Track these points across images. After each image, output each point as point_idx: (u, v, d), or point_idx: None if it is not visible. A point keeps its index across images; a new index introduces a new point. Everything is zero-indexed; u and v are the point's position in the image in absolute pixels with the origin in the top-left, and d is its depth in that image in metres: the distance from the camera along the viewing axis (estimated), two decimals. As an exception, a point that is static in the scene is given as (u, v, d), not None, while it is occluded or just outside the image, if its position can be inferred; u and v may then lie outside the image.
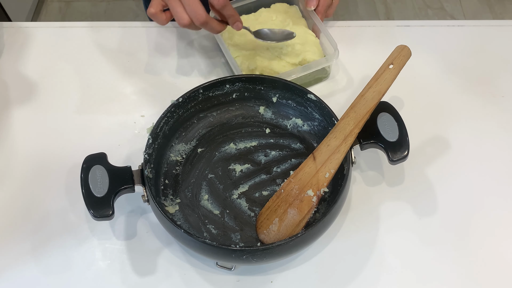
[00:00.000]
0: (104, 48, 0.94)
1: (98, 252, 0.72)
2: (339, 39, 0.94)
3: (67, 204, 0.76)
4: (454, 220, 0.75)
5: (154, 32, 0.96)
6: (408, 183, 0.78)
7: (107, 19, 2.08)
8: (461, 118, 0.85)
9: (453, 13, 2.09)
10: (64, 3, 2.14)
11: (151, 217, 0.74)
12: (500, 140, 0.82)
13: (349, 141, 0.69)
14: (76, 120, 0.85)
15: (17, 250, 0.72)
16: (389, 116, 0.71)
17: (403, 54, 0.72)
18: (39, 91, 0.88)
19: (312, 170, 0.70)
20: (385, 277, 0.70)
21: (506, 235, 0.73)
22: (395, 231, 0.74)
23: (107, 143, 0.81)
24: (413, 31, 0.96)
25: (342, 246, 0.73)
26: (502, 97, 0.87)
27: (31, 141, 0.82)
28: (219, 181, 0.75)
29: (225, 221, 0.72)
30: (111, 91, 0.88)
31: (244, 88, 0.79)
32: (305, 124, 0.79)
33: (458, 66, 0.91)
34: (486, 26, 0.97)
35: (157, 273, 0.71)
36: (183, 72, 0.90)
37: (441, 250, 0.72)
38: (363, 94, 0.71)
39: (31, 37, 0.95)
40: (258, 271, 0.71)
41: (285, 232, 0.68)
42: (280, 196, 0.70)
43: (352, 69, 0.90)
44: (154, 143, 0.73)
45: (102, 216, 0.64)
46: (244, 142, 0.79)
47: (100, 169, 0.67)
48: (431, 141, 0.82)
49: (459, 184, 0.78)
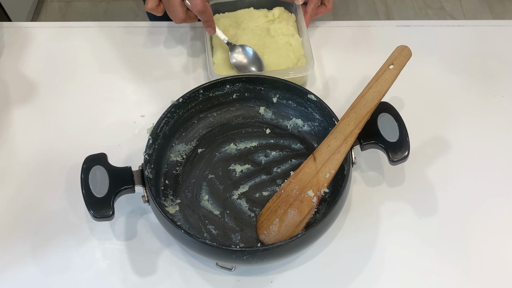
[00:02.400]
0: (104, 48, 0.94)
1: (98, 252, 0.72)
2: (339, 39, 0.94)
3: (67, 204, 0.76)
4: (454, 220, 0.75)
5: (154, 32, 0.95)
6: (409, 183, 0.78)
7: (107, 19, 2.07)
8: (461, 118, 0.85)
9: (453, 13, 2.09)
10: (64, 3, 2.14)
11: (151, 218, 0.74)
12: (500, 140, 0.82)
13: (349, 141, 0.69)
14: (76, 120, 0.85)
15: (17, 250, 0.72)
16: (390, 117, 0.71)
17: (404, 54, 0.72)
18: (39, 91, 0.88)
19: (313, 170, 0.70)
20: (385, 277, 0.70)
21: (506, 235, 0.73)
22: (396, 231, 0.74)
23: (107, 143, 0.81)
24: (413, 31, 0.96)
25: (343, 247, 0.73)
26: (502, 97, 0.87)
27: (31, 141, 0.82)
28: (219, 182, 0.75)
29: (225, 221, 0.72)
30: (111, 91, 0.88)
31: (245, 88, 0.79)
32: (306, 125, 0.79)
33: (458, 66, 0.91)
34: (486, 26, 0.97)
35: (157, 274, 0.71)
36: (183, 72, 0.90)
37: (441, 250, 0.72)
38: (363, 94, 0.71)
39: (31, 37, 0.95)
40: (258, 271, 0.71)
41: (285, 232, 0.68)
42: (281, 197, 0.70)
43: (352, 69, 0.90)
44: (154, 144, 0.73)
45: (102, 217, 0.64)
46: (244, 142, 0.79)
47: (100, 169, 0.67)
48: (431, 142, 0.82)
49: (459, 184, 0.78)
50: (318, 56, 0.92)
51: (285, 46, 0.86)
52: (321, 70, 0.90)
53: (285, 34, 0.88)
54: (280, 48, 0.86)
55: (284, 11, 0.91)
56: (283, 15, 0.91)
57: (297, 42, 0.87)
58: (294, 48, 0.86)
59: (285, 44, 0.87)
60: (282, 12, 0.91)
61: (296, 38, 0.87)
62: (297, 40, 0.87)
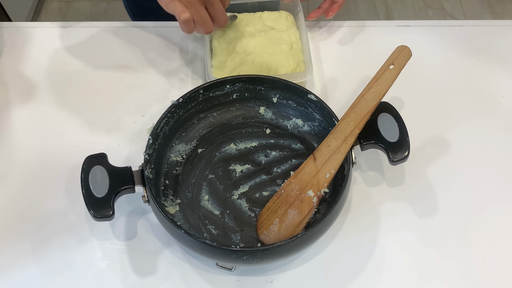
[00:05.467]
0: (104, 48, 0.94)
1: (98, 252, 0.72)
2: (339, 39, 0.94)
3: (67, 204, 0.76)
4: (454, 220, 0.75)
5: (154, 32, 0.95)
6: (409, 183, 0.78)
7: (107, 19, 2.07)
8: (461, 118, 0.85)
9: (453, 13, 2.09)
10: (64, 3, 2.14)
11: (151, 218, 0.74)
12: (500, 140, 0.82)
13: (349, 141, 0.69)
14: (76, 120, 0.85)
15: (17, 250, 0.72)
16: (390, 117, 0.71)
17: (404, 54, 0.72)
18: (39, 91, 0.88)
19: (313, 170, 0.70)
20: (385, 277, 0.70)
21: (506, 235, 0.73)
22: (396, 231, 0.74)
23: (107, 143, 0.81)
24: (413, 31, 0.96)
25: (343, 247, 0.73)
26: (502, 97, 0.87)
27: (31, 141, 0.82)
28: (219, 182, 0.75)
29: (226, 221, 0.72)
30: (111, 91, 0.88)
31: (245, 88, 0.79)
32: (306, 125, 0.79)
33: (458, 66, 0.91)
34: (486, 26, 0.97)
35: (157, 274, 0.71)
36: (183, 72, 0.90)
37: (442, 250, 0.72)
38: (363, 94, 0.71)
39: (31, 37, 0.95)
40: (258, 271, 0.71)
41: (285, 232, 0.68)
42: (281, 197, 0.70)
43: (352, 69, 0.90)
44: (154, 144, 0.73)
45: (102, 217, 0.64)
46: (244, 142, 0.79)
47: (100, 169, 0.67)
48: (431, 142, 0.82)
49: (459, 184, 0.78)
50: (318, 56, 0.92)
51: (284, 51, 0.86)
52: (321, 70, 0.90)
53: (285, 38, 0.88)
54: (279, 53, 0.86)
55: (285, 15, 0.91)
56: (283, 18, 0.91)
57: (297, 47, 0.87)
58: (294, 53, 0.86)
59: (285, 48, 0.86)
60: (283, 15, 0.91)
61: (297, 43, 0.87)
62: (297, 45, 0.87)
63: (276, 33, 0.88)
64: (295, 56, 0.86)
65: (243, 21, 0.91)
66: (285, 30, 0.89)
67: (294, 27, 0.90)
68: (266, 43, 0.87)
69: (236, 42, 0.87)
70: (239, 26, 0.90)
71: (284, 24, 0.90)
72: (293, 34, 0.88)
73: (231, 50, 0.87)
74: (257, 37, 0.88)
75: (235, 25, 0.90)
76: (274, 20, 0.90)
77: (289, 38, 0.88)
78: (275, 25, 0.90)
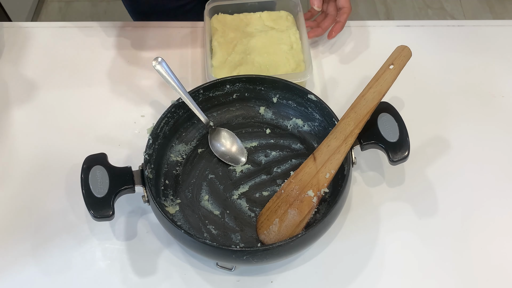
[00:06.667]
0: (104, 48, 0.94)
1: (98, 252, 0.72)
2: (339, 39, 0.94)
3: (67, 204, 0.76)
4: (454, 220, 0.75)
5: (154, 32, 0.95)
6: (409, 183, 0.78)
7: (107, 19, 2.07)
8: (461, 118, 0.85)
9: (453, 13, 2.09)
10: (64, 3, 2.14)
11: (151, 218, 0.74)
12: (500, 140, 0.82)
13: (349, 141, 0.69)
14: (76, 120, 0.85)
15: (17, 250, 0.72)
16: (390, 117, 0.71)
17: (404, 54, 0.72)
18: (39, 91, 0.88)
19: (313, 170, 0.70)
20: (385, 277, 0.70)
21: (506, 235, 0.73)
22: (396, 231, 0.74)
23: (107, 143, 0.81)
24: (413, 31, 0.96)
25: (343, 247, 0.73)
26: (502, 97, 0.87)
27: (31, 141, 0.82)
28: (219, 182, 0.75)
29: (226, 221, 0.72)
30: (111, 91, 0.88)
31: (245, 88, 0.79)
32: (306, 125, 0.79)
33: (458, 66, 0.91)
34: (486, 26, 0.97)
35: (157, 274, 0.71)
36: (183, 72, 0.90)
37: (441, 250, 0.72)
38: (363, 94, 0.71)
39: (31, 37, 0.95)
40: (258, 271, 0.71)
41: (285, 232, 0.68)
42: (281, 197, 0.70)
43: (352, 69, 0.90)
44: (154, 144, 0.72)
45: (102, 217, 0.64)
46: (244, 142, 0.79)
47: (100, 169, 0.67)
48: (431, 142, 0.82)
49: (459, 184, 0.78)
50: (318, 57, 0.92)
51: (284, 50, 0.86)
52: (321, 70, 0.90)
53: (285, 38, 0.88)
54: (279, 52, 0.86)
55: (285, 15, 0.91)
56: (283, 18, 0.91)
57: (297, 47, 0.87)
58: (294, 52, 0.86)
59: (285, 48, 0.86)
60: (283, 15, 0.91)
61: (296, 43, 0.87)
62: (297, 45, 0.87)
63: (276, 33, 0.88)
64: (295, 56, 0.86)
65: (243, 21, 0.90)
66: (285, 30, 0.89)
67: (294, 27, 0.90)
68: (266, 43, 0.87)
69: (236, 42, 0.87)
70: (239, 26, 0.90)
71: (284, 24, 0.90)
72: (293, 34, 0.88)
73: (231, 50, 0.87)
74: (257, 37, 0.88)
75: (235, 25, 0.90)
76: (274, 20, 0.91)
77: (289, 38, 0.88)
78: (275, 25, 0.90)
